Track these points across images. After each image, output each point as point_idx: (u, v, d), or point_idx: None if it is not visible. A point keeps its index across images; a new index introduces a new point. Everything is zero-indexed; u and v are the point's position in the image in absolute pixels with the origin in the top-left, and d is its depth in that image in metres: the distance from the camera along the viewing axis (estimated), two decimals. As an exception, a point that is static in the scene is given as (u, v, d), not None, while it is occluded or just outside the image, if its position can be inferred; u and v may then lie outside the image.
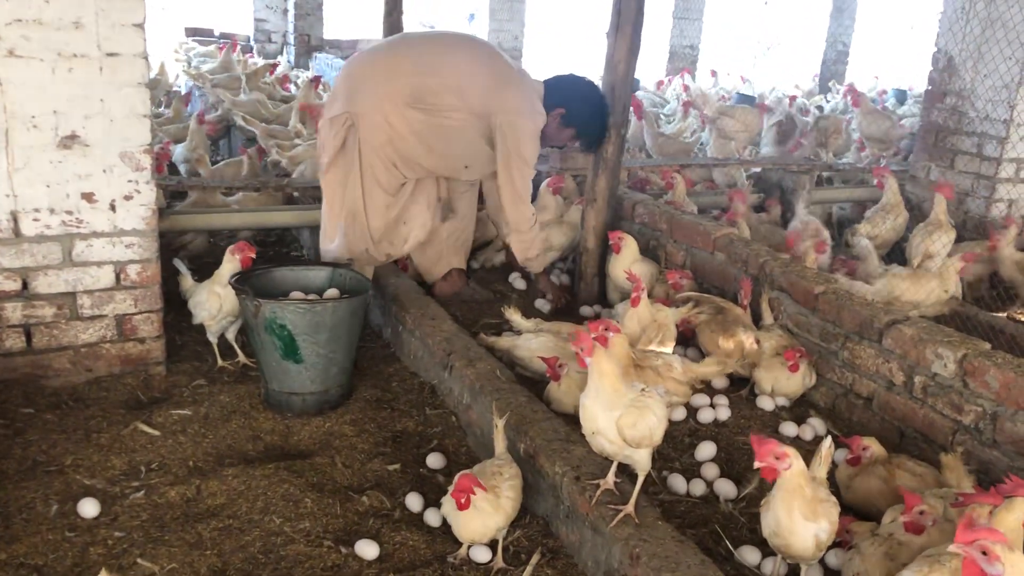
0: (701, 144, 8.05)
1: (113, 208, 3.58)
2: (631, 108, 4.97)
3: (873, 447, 3.02)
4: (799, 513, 2.44)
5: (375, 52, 4.48)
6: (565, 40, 21.92)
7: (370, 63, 4.40)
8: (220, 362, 3.97)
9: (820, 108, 10.89)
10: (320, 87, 8.65)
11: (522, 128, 4.24)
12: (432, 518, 2.96)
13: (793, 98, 9.41)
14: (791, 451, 2.43)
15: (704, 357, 3.85)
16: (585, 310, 4.73)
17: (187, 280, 3.96)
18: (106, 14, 3.35)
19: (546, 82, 4.46)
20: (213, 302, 3.82)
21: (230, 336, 3.98)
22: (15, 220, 3.43)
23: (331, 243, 4.46)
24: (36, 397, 3.53)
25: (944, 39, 6.05)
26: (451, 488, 2.71)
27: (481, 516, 2.67)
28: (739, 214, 5.17)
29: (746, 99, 10.32)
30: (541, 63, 13.90)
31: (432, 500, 3.03)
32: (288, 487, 3.05)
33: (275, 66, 10.24)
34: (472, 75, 4.24)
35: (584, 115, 4.41)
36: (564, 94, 4.38)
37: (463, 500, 2.64)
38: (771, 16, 22.36)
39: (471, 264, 5.25)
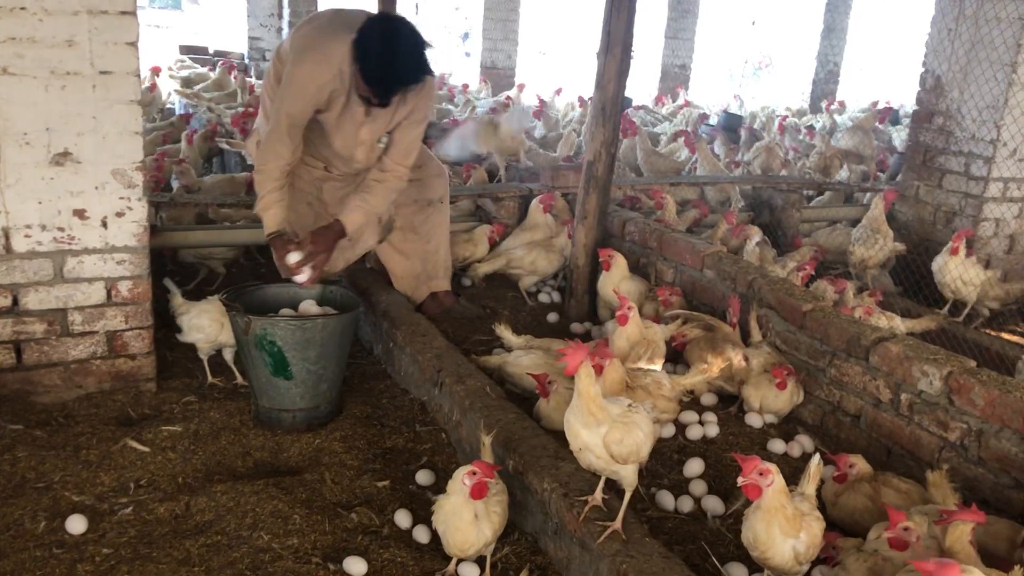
0: (693, 162, 8.11)
1: (105, 225, 3.59)
2: (622, 126, 5.00)
3: (859, 464, 3.04)
4: (778, 529, 2.48)
5: None
6: (558, 60, 22.07)
7: None
8: (210, 378, 3.97)
9: (811, 128, 10.98)
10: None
11: (286, 73, 3.84)
12: (421, 535, 2.97)
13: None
14: (773, 468, 2.46)
15: (693, 374, 3.87)
16: (575, 327, 4.75)
17: (177, 298, 3.94)
18: (99, 32, 3.38)
19: (359, 32, 3.70)
20: (214, 328, 3.83)
21: (228, 357, 3.99)
22: (6, 236, 3.44)
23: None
24: (26, 413, 3.53)
25: (931, 59, 6.12)
26: (460, 472, 2.67)
27: (476, 523, 2.66)
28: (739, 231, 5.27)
29: (733, 118, 10.41)
30: (533, 82, 13.96)
31: (421, 517, 3.03)
32: (277, 503, 3.06)
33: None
34: (286, 55, 3.95)
35: (367, 50, 3.64)
36: (360, 48, 3.67)
37: (478, 484, 2.62)
38: (761, 36, 22.55)
39: (462, 281, 5.27)
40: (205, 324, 3.84)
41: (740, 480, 2.47)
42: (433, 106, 4.15)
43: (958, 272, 5.06)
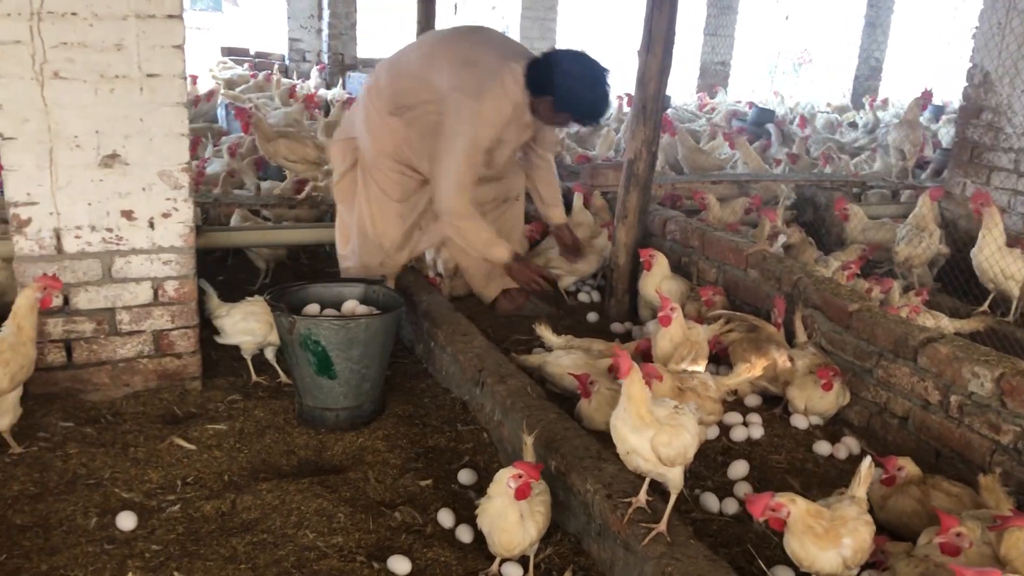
0: (735, 160, 8.04)
1: (152, 225, 3.65)
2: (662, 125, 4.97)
3: (908, 467, 2.99)
4: (813, 546, 2.44)
5: (370, 73, 4.56)
6: (598, 57, 21.95)
7: (368, 81, 4.49)
8: (255, 377, 4.01)
9: (853, 124, 10.83)
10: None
11: (463, 108, 4.00)
12: (464, 534, 2.97)
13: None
14: (786, 499, 2.43)
15: (737, 375, 3.83)
16: (615, 327, 4.73)
17: (214, 300, 3.95)
18: (147, 36, 3.43)
19: (529, 66, 4.11)
20: (263, 329, 3.86)
21: (269, 356, 4.03)
22: (58, 237, 3.51)
23: (347, 261, 4.58)
24: (76, 411, 3.59)
25: (980, 54, 6.00)
26: (505, 475, 2.65)
27: (521, 523, 2.66)
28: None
29: (764, 114, 10.30)
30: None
31: (464, 516, 3.04)
32: (322, 502, 3.08)
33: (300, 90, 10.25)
34: (438, 64, 4.13)
35: (576, 99, 4.10)
36: (552, 80, 4.05)
37: (522, 485, 2.61)
38: (801, 31, 22.27)
39: None
40: (255, 326, 3.87)
41: (756, 520, 2.45)
42: None
43: (993, 257, 4.86)
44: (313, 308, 3.76)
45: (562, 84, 4.02)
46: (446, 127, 4.05)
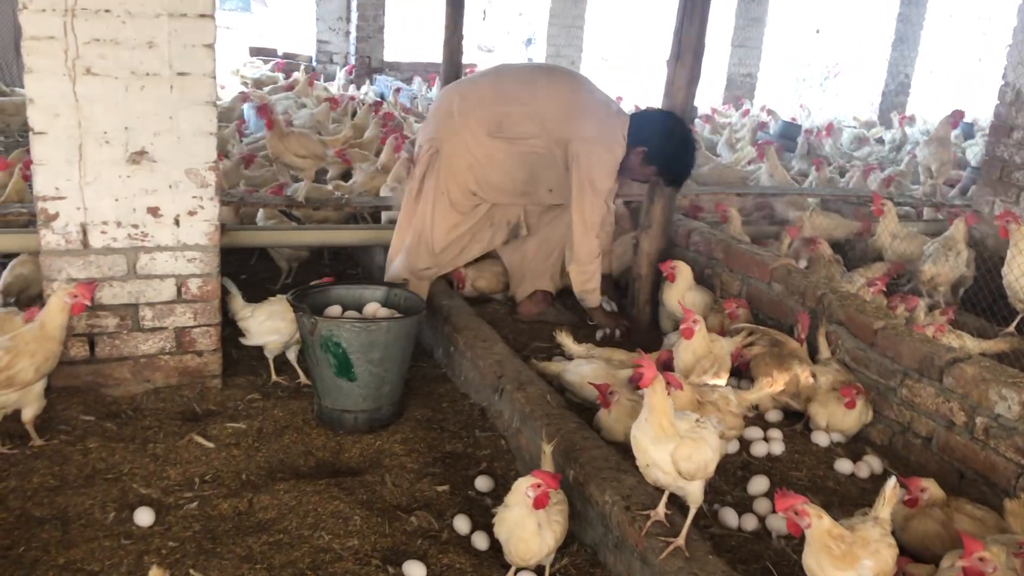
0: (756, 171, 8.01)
1: (177, 223, 3.66)
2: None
3: (931, 489, 2.94)
4: (829, 565, 2.40)
5: (464, 82, 4.68)
6: (620, 66, 21.96)
7: (458, 93, 4.62)
8: (274, 377, 4.02)
9: (880, 140, 10.75)
10: (381, 111, 8.70)
11: (597, 157, 4.28)
12: (480, 541, 2.96)
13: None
14: (813, 511, 2.40)
15: (758, 390, 3.79)
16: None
17: (238, 300, 3.94)
18: (178, 35, 3.45)
19: (632, 116, 4.44)
20: (290, 328, 3.86)
21: (292, 357, 4.03)
22: (84, 232, 3.53)
23: (393, 262, 4.66)
24: (96, 405, 3.61)
25: (1013, 73, 5.93)
26: (523, 484, 2.63)
27: (539, 532, 2.64)
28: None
29: (790, 128, 10.24)
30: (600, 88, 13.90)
31: (480, 523, 3.02)
32: (338, 504, 3.08)
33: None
34: (552, 102, 4.34)
35: (666, 154, 4.33)
36: (647, 131, 4.33)
37: (541, 494, 2.59)
38: (829, 45, 22.14)
39: None
40: (280, 325, 3.87)
41: (777, 512, 2.42)
42: None
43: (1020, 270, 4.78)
44: (335, 310, 3.76)
45: (657, 136, 4.28)
46: (580, 174, 4.30)
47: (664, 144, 4.29)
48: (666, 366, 3.83)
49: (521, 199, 4.71)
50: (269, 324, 3.88)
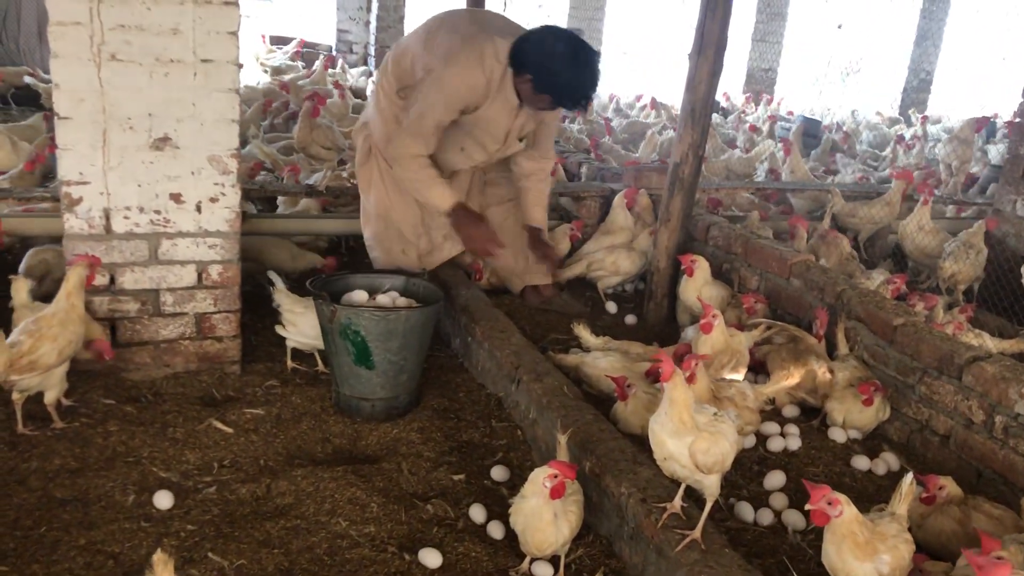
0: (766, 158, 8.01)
1: (199, 209, 3.68)
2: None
3: (949, 487, 2.94)
4: (850, 555, 2.42)
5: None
6: (640, 60, 21.87)
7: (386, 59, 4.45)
8: (290, 364, 4.03)
9: (901, 137, 10.68)
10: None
11: (438, 74, 3.91)
12: (495, 531, 2.97)
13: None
14: (843, 498, 2.41)
15: (775, 386, 3.79)
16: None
17: (286, 294, 3.92)
18: (203, 21, 3.46)
19: (518, 40, 3.97)
20: None
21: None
22: (107, 217, 3.55)
23: (373, 251, 4.59)
24: (117, 389, 3.64)
25: (1037, 70, 5.88)
26: (540, 475, 2.63)
27: (555, 522, 2.65)
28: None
29: (811, 124, 10.19)
30: (618, 83, 13.89)
31: (496, 512, 3.04)
32: (355, 491, 3.10)
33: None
34: (436, 39, 4.06)
35: (555, 80, 3.89)
36: (531, 58, 3.89)
37: (558, 484, 2.60)
38: (850, 41, 21.97)
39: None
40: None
41: (808, 506, 2.43)
42: None
43: None
44: (360, 296, 3.77)
45: (542, 63, 3.86)
46: (422, 87, 3.99)
47: (550, 69, 3.87)
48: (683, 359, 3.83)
49: (461, 158, 4.38)
50: (319, 329, 3.79)
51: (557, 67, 3.84)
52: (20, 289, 3.52)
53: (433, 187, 4.15)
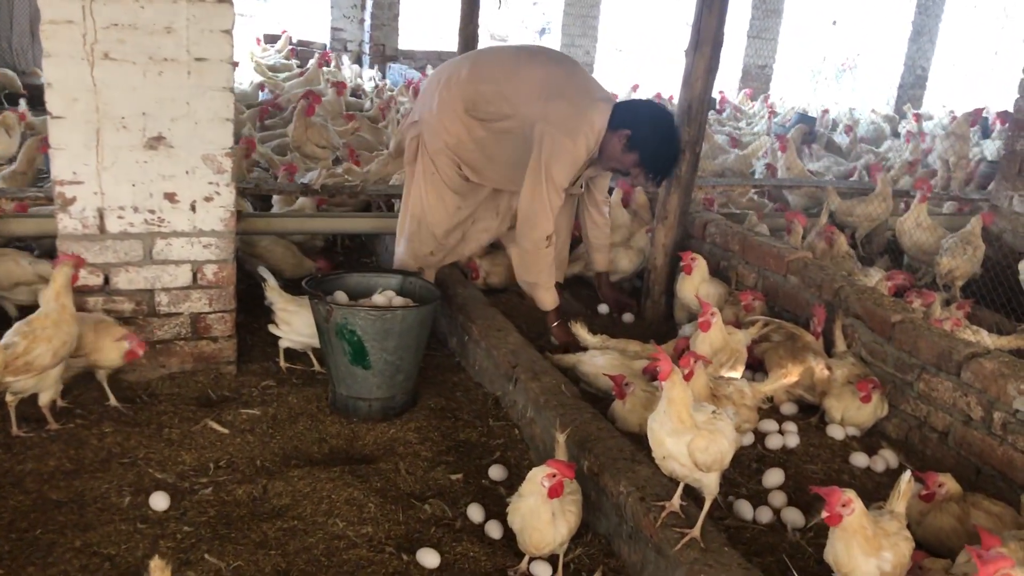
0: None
1: (193, 209, 3.66)
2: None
3: (948, 484, 2.93)
4: (859, 550, 2.42)
5: (450, 62, 4.54)
6: (635, 57, 21.86)
7: (437, 73, 4.50)
8: (283, 364, 4.01)
9: (896, 134, 10.70)
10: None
11: (558, 143, 4.01)
12: (493, 530, 2.96)
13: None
14: (852, 495, 2.42)
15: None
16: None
17: (279, 292, 3.91)
18: (196, 20, 3.44)
19: (617, 103, 4.18)
20: None
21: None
22: (101, 217, 3.53)
23: (399, 248, 4.59)
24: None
25: (1033, 66, 5.87)
26: (538, 474, 2.63)
27: (553, 522, 2.64)
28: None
29: (805, 119, 10.20)
30: (613, 79, 13.87)
31: (494, 512, 3.02)
32: (352, 491, 3.08)
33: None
34: (527, 84, 4.13)
35: (650, 141, 4.04)
36: (633, 116, 4.06)
37: (556, 483, 2.60)
38: (845, 37, 21.99)
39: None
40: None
41: (824, 514, 2.42)
42: None
43: None
44: (341, 297, 3.75)
45: (643, 123, 4.04)
46: (539, 157, 4.06)
47: (649, 131, 4.04)
48: (682, 354, 3.82)
49: (508, 184, 4.47)
50: (313, 329, 3.79)
51: (658, 135, 4.08)
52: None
53: (550, 288, 4.36)
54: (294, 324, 3.88)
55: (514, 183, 4.40)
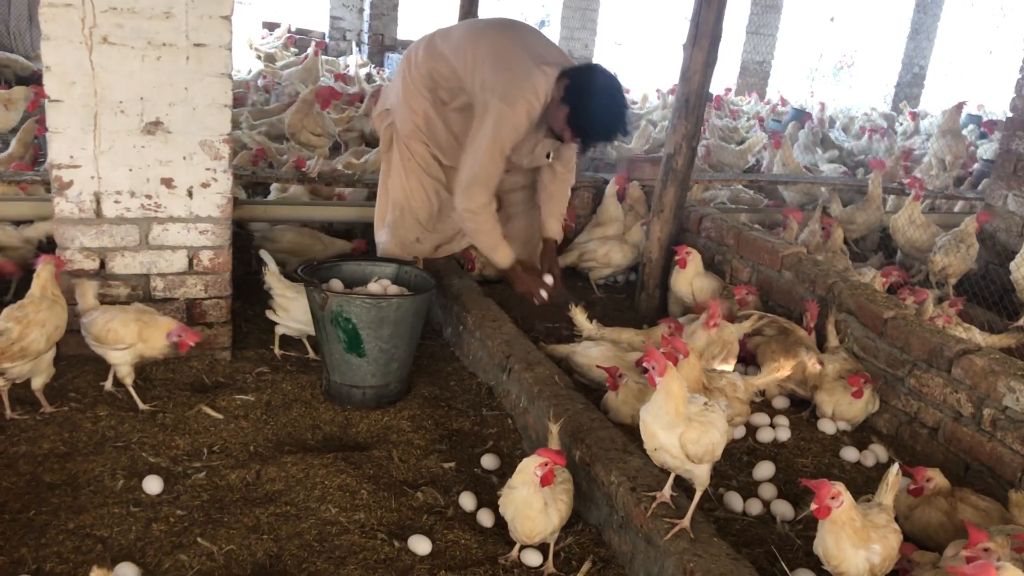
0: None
1: (190, 194, 3.67)
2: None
3: (937, 479, 2.96)
4: (848, 542, 2.45)
5: (411, 46, 4.49)
6: (633, 51, 21.84)
7: (403, 58, 4.45)
8: (278, 351, 4.02)
9: (894, 131, 10.72)
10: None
11: (497, 111, 3.91)
12: (485, 518, 2.97)
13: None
14: (841, 487, 2.44)
15: (764, 377, 3.80)
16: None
17: (278, 277, 3.91)
18: (195, 5, 3.44)
19: (570, 74, 3.96)
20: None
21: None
22: (97, 201, 3.54)
23: (382, 236, 4.56)
24: (107, 374, 3.62)
25: (1030, 65, 5.89)
26: (530, 464, 2.64)
27: (545, 511, 2.66)
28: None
29: (800, 114, 10.24)
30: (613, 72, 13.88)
31: (485, 500, 3.04)
32: (345, 478, 3.10)
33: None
34: (474, 57, 4.04)
35: (586, 123, 3.94)
36: (577, 94, 3.89)
37: (547, 470, 2.61)
38: (843, 34, 21.99)
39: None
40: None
41: (813, 507, 2.44)
42: None
43: None
44: (336, 285, 3.76)
45: (583, 102, 3.88)
46: (479, 126, 3.99)
47: (587, 111, 3.89)
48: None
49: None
50: (307, 316, 3.79)
51: (596, 115, 3.91)
52: (87, 292, 3.48)
53: (499, 247, 4.22)
54: (292, 311, 3.89)
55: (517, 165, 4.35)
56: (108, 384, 3.53)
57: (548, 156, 4.34)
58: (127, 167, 3.54)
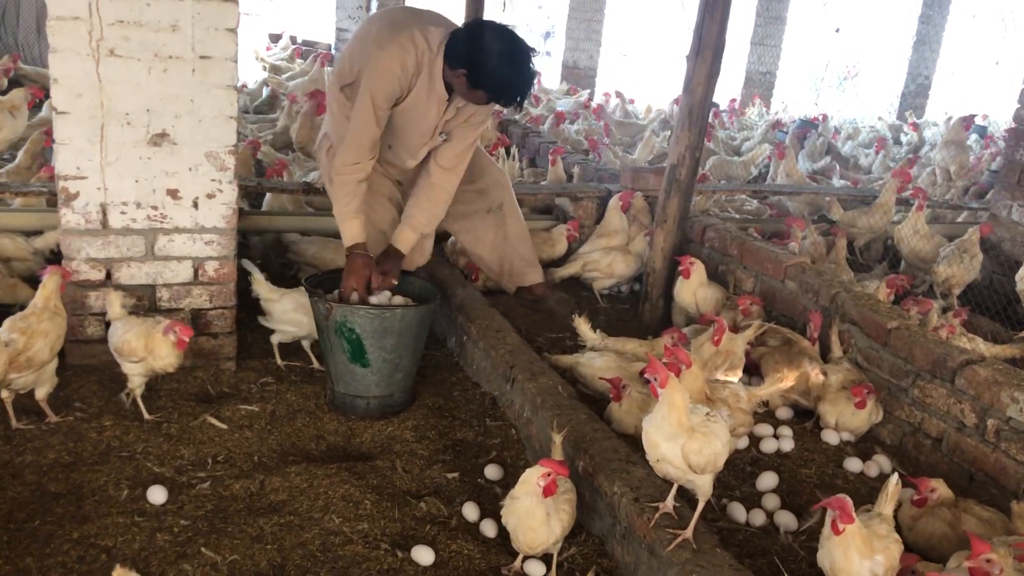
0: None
1: (196, 205, 3.69)
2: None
3: (940, 489, 2.95)
4: (855, 551, 2.45)
5: None
6: (638, 62, 21.90)
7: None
8: (279, 361, 4.03)
9: (898, 142, 10.73)
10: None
11: (371, 58, 3.72)
12: (488, 529, 2.98)
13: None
14: (847, 501, 2.46)
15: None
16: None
17: (263, 283, 3.93)
18: (202, 18, 3.47)
19: (448, 36, 3.75)
20: (309, 321, 3.84)
21: (305, 344, 4.05)
22: (104, 212, 3.56)
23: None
24: (112, 384, 3.64)
25: (1033, 76, 5.90)
26: (533, 475, 2.65)
27: (547, 521, 2.66)
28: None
29: (808, 124, 10.25)
30: (616, 83, 13.91)
31: (489, 511, 3.05)
32: (348, 488, 3.10)
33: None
34: (365, 42, 3.87)
35: (490, 76, 3.65)
36: (465, 53, 3.66)
37: (550, 480, 2.62)
38: (848, 45, 22.01)
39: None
40: (303, 319, 3.87)
41: (840, 524, 2.45)
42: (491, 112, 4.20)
43: None
44: (336, 294, 3.77)
45: (477, 58, 3.64)
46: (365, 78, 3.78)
47: (484, 65, 3.63)
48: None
49: (393, 163, 4.18)
50: (293, 315, 3.88)
51: (492, 64, 3.63)
52: (114, 301, 3.50)
53: (346, 220, 3.86)
54: (274, 312, 3.92)
55: (394, 154, 4.15)
56: (137, 394, 3.49)
57: (443, 137, 4.05)
58: (133, 178, 3.56)
